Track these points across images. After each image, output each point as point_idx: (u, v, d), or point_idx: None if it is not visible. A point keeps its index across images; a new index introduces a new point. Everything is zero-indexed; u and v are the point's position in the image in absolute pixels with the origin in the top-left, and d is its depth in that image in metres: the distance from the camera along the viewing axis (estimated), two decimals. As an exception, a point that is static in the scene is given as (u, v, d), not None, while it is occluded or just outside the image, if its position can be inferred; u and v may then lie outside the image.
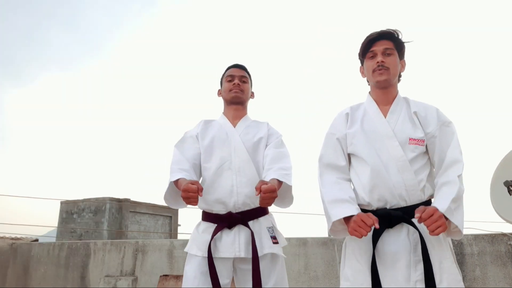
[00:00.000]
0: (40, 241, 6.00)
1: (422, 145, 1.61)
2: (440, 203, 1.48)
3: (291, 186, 1.87)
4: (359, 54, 1.78)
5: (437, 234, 1.42)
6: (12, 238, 6.12)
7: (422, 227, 1.52)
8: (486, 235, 2.96)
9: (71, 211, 13.70)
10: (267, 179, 1.78)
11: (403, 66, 1.76)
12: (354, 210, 1.53)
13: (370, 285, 1.49)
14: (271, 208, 2.04)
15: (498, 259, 2.86)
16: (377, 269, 1.49)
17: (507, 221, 2.79)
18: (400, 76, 1.77)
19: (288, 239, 3.78)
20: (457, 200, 1.51)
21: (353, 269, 1.59)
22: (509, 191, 2.80)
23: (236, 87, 2.06)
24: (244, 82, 2.09)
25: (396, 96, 1.72)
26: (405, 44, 1.74)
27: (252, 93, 2.18)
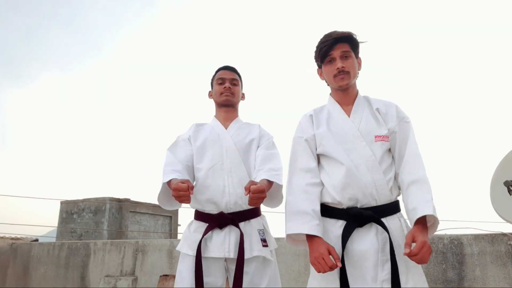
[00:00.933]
0: (40, 241, 6.00)
1: (387, 141, 1.63)
2: (423, 208, 1.49)
3: (281, 186, 1.88)
4: (316, 58, 1.77)
5: (425, 262, 1.44)
6: (12, 238, 6.13)
7: (390, 227, 1.54)
8: (486, 235, 2.96)
9: (71, 211, 13.71)
10: (257, 179, 1.80)
11: (359, 65, 1.77)
12: (311, 229, 1.53)
13: (338, 285, 1.48)
14: (265, 210, 2.05)
15: (498, 259, 2.86)
16: (345, 268, 1.49)
17: (507, 221, 2.79)
18: (357, 74, 1.78)
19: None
20: (432, 194, 1.54)
21: None
22: (509, 191, 2.80)
23: (227, 90, 2.08)
24: (234, 84, 2.11)
25: (356, 96, 1.74)
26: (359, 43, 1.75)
27: (243, 94, 2.20)
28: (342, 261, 1.49)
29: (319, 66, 1.79)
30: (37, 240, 6.15)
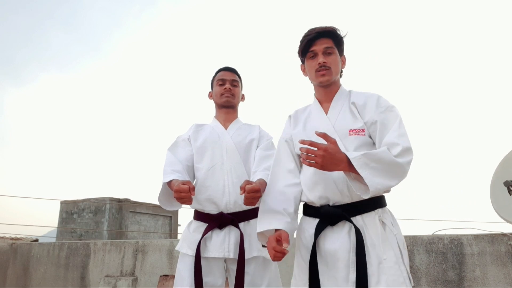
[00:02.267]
0: (40, 241, 5.99)
1: (362, 134, 1.57)
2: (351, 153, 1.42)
3: None
4: (299, 53, 1.74)
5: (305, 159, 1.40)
6: (12, 238, 6.12)
7: (366, 224, 1.48)
8: (486, 235, 2.96)
9: (71, 211, 13.70)
10: (254, 179, 1.81)
11: (343, 62, 1.74)
12: (278, 224, 1.51)
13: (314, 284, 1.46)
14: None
15: (498, 259, 2.86)
16: (318, 268, 1.47)
17: (507, 221, 2.79)
18: (341, 72, 1.74)
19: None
20: (375, 158, 1.40)
21: (299, 267, 1.59)
22: (509, 191, 2.80)
23: (227, 92, 2.09)
24: (235, 86, 2.11)
25: (337, 92, 1.69)
26: (344, 40, 1.70)
27: (243, 95, 2.21)
28: (312, 260, 1.48)
29: (302, 62, 1.75)
30: (37, 240, 6.15)
